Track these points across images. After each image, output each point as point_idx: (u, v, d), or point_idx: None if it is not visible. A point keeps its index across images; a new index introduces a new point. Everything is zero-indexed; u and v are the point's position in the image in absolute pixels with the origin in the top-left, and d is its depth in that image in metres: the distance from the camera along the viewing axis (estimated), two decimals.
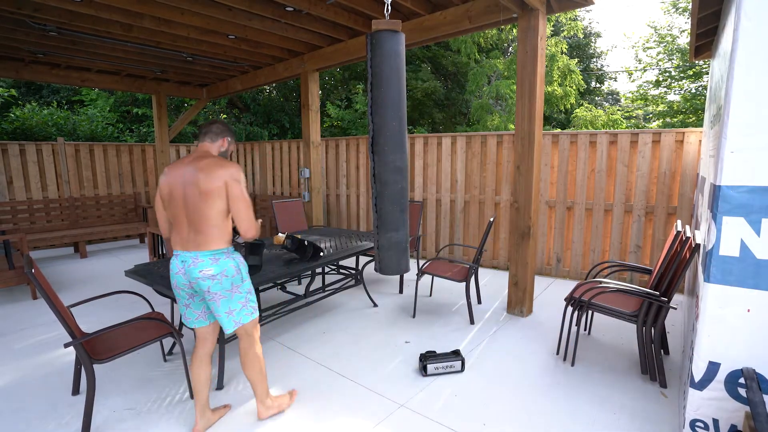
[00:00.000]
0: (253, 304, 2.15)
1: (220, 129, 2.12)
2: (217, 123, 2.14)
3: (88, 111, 9.37)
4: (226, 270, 1.99)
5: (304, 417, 2.31)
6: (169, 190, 1.99)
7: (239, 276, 2.05)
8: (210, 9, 3.91)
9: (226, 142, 2.15)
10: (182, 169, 1.97)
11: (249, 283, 2.13)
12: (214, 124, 2.13)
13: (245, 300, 2.09)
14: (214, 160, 1.99)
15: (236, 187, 1.95)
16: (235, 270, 2.03)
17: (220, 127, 2.13)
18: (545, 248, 5.00)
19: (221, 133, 2.13)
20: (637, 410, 2.35)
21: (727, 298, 1.81)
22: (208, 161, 1.98)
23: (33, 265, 2.13)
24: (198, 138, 2.15)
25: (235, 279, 2.03)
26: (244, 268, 2.09)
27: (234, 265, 2.03)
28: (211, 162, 1.97)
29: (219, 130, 2.12)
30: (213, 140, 2.11)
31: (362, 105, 11.03)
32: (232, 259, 2.03)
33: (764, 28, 1.65)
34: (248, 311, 2.11)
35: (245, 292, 2.09)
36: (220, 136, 2.12)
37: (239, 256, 2.10)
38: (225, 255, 2.01)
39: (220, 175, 1.94)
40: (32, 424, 2.26)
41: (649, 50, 13.50)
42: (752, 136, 1.71)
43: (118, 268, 5.44)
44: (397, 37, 2.10)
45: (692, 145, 4.10)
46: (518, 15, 3.41)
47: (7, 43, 4.69)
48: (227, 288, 2.01)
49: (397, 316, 3.76)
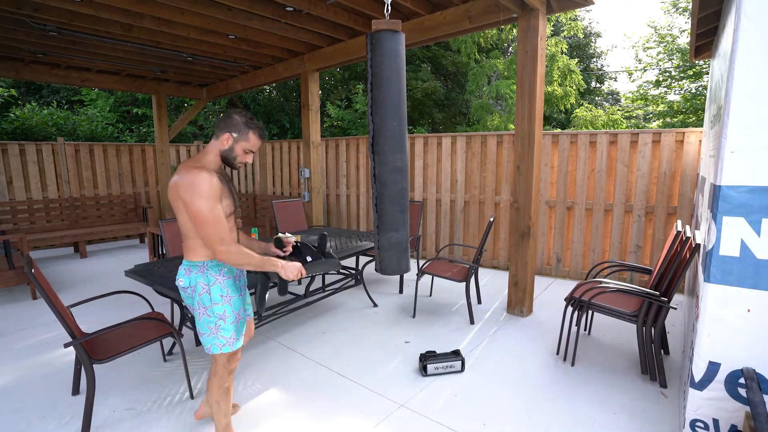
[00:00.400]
0: (226, 335, 1.82)
1: (223, 123, 1.78)
2: (226, 116, 1.80)
3: (88, 111, 9.37)
4: (196, 286, 1.79)
5: (304, 417, 2.31)
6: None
7: (207, 297, 1.79)
8: (210, 9, 3.91)
9: (229, 139, 1.77)
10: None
11: (223, 309, 1.81)
12: (222, 117, 1.80)
13: (215, 327, 1.81)
14: (183, 166, 1.69)
15: (190, 207, 1.64)
16: (202, 288, 1.78)
17: (225, 120, 1.79)
18: (545, 248, 5.00)
19: (224, 127, 1.77)
20: (637, 410, 2.35)
21: (727, 298, 1.81)
22: (180, 167, 1.71)
23: (33, 265, 2.13)
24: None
25: (203, 299, 1.79)
26: (216, 290, 1.80)
27: (204, 283, 1.78)
28: (179, 169, 1.70)
29: (223, 124, 1.78)
30: (216, 136, 1.79)
31: (362, 105, 11.03)
32: (203, 275, 1.79)
33: (764, 28, 1.65)
34: (219, 342, 1.82)
35: (215, 317, 1.80)
36: (222, 131, 1.78)
37: (218, 275, 1.81)
38: (198, 269, 1.79)
39: (173, 188, 1.68)
40: (32, 424, 2.26)
41: (649, 50, 13.50)
42: (752, 136, 1.71)
43: (118, 268, 5.44)
44: (397, 37, 2.10)
45: (692, 145, 4.10)
46: (518, 15, 3.41)
47: (7, 43, 4.69)
48: (194, 306, 1.83)
49: (397, 316, 3.76)
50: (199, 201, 1.64)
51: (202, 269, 1.80)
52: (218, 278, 1.82)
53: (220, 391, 1.97)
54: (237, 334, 1.88)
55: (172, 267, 2.98)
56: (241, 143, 1.80)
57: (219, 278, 1.82)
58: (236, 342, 1.88)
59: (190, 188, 1.64)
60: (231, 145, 1.79)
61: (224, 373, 1.94)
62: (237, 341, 1.88)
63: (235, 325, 1.87)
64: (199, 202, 1.64)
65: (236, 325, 1.88)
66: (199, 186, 1.64)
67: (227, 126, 1.78)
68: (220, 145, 1.79)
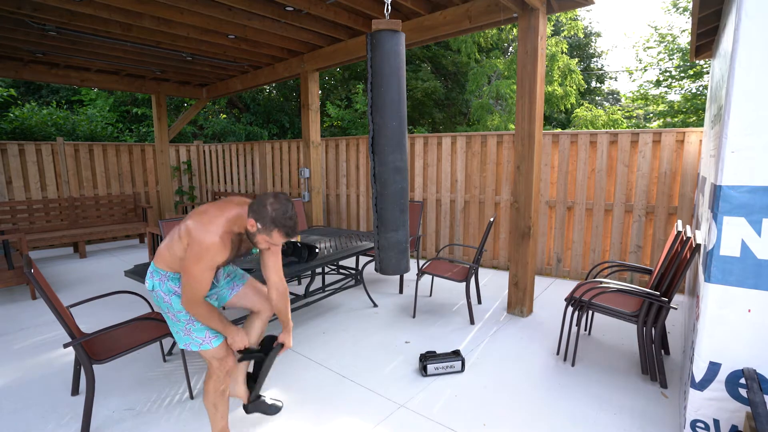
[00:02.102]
0: (200, 335, 1.83)
1: (256, 206, 1.70)
2: (262, 199, 1.70)
3: (88, 111, 9.37)
4: (158, 292, 1.83)
5: (304, 417, 2.31)
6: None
7: (168, 305, 1.83)
8: (210, 9, 3.91)
9: (254, 226, 1.71)
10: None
11: (188, 315, 1.81)
12: (260, 198, 1.71)
13: (185, 330, 1.84)
14: (207, 221, 1.69)
15: (188, 259, 1.67)
16: (164, 296, 1.82)
17: (258, 204, 1.70)
18: (545, 248, 5.00)
19: (253, 212, 1.70)
20: (638, 410, 2.34)
21: (728, 298, 1.81)
22: (206, 216, 1.71)
23: (32, 265, 2.12)
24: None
25: (167, 305, 1.84)
26: (177, 300, 1.81)
27: (164, 292, 1.82)
28: (205, 216, 1.71)
29: (255, 207, 1.70)
30: (248, 211, 1.73)
31: (362, 105, 11.03)
32: (163, 284, 1.82)
33: (765, 27, 1.65)
34: (194, 341, 1.84)
35: (182, 322, 1.83)
36: (251, 213, 1.71)
37: (178, 288, 1.82)
38: (160, 276, 1.82)
39: (187, 231, 1.70)
40: (32, 424, 2.26)
41: (650, 50, 13.50)
42: (753, 136, 1.71)
43: (118, 268, 5.44)
44: (397, 37, 2.10)
45: (693, 145, 4.10)
46: (518, 15, 3.40)
47: (7, 43, 4.69)
48: (163, 309, 1.87)
49: (397, 316, 3.75)
50: (198, 263, 1.66)
51: (163, 278, 1.83)
52: (178, 290, 1.83)
53: (216, 394, 1.94)
54: (213, 333, 1.85)
55: None
56: (263, 235, 1.73)
57: (179, 290, 1.81)
58: (215, 339, 1.85)
59: (198, 248, 1.66)
60: (254, 231, 1.73)
61: (220, 373, 1.91)
62: (216, 338, 1.86)
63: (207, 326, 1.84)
64: (198, 264, 1.66)
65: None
66: (206, 254, 1.66)
67: (256, 213, 1.70)
68: (248, 223, 1.73)
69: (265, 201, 1.70)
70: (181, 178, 8.69)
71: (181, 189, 8.62)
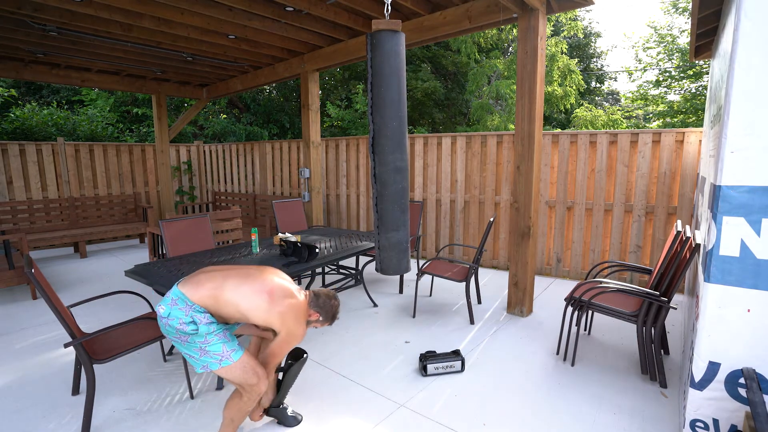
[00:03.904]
0: (217, 351, 1.84)
1: (323, 302, 2.06)
2: (330, 299, 2.08)
3: (88, 111, 9.37)
4: (173, 319, 1.81)
5: (305, 417, 2.31)
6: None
7: (183, 331, 1.82)
8: (210, 9, 3.91)
9: (317, 318, 2.05)
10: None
11: (206, 337, 1.83)
12: (326, 298, 2.06)
13: (200, 350, 1.84)
14: (297, 312, 1.94)
15: (288, 335, 1.92)
16: (180, 322, 1.81)
17: (326, 302, 2.06)
18: (545, 248, 5.00)
19: (320, 308, 2.04)
20: (637, 410, 2.35)
21: (727, 298, 1.81)
22: (296, 309, 1.95)
23: (33, 265, 2.13)
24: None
25: (180, 333, 1.83)
26: (192, 327, 1.82)
27: (182, 320, 1.81)
28: (295, 310, 1.94)
29: (321, 303, 2.05)
30: (311, 303, 2.04)
31: (362, 105, 11.03)
32: (185, 313, 1.82)
33: (764, 28, 1.65)
34: (212, 358, 1.84)
35: (198, 342, 1.83)
36: (317, 308, 2.04)
37: (201, 320, 1.83)
38: (185, 306, 1.82)
39: (280, 316, 1.88)
40: (33, 424, 2.26)
41: (649, 50, 13.49)
42: (752, 136, 1.71)
43: (118, 268, 5.44)
44: (397, 37, 2.11)
45: (692, 145, 4.10)
46: (518, 15, 3.41)
47: (8, 43, 4.69)
48: (174, 336, 1.85)
49: (397, 316, 3.76)
50: (287, 346, 1.96)
51: (188, 309, 1.81)
52: (203, 320, 1.82)
53: (240, 413, 1.98)
54: (230, 346, 1.87)
55: (172, 267, 2.98)
56: (318, 324, 2.08)
57: (203, 320, 1.82)
58: (233, 353, 1.86)
59: (291, 338, 1.94)
60: (313, 320, 2.05)
61: (254, 395, 1.93)
62: (234, 352, 1.86)
63: (224, 340, 1.86)
64: (286, 346, 1.96)
65: (224, 339, 1.86)
66: (294, 341, 1.97)
67: (321, 309, 2.04)
68: (308, 311, 2.02)
69: (329, 300, 2.07)
70: (182, 178, 8.69)
71: (182, 189, 8.63)
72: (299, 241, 3.25)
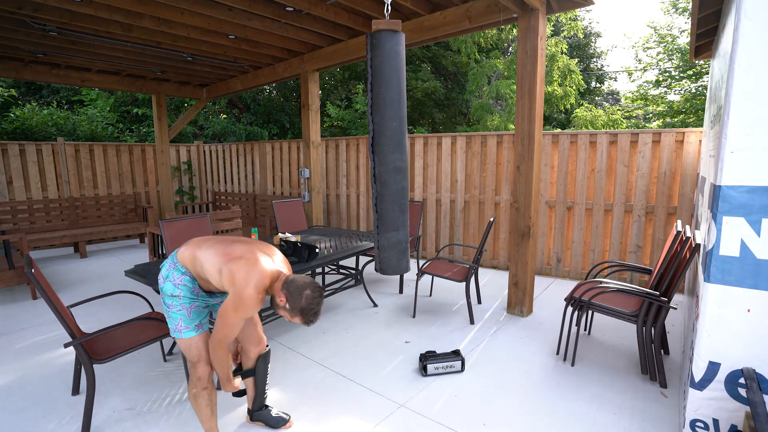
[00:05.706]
0: (174, 322, 1.88)
1: (293, 287, 1.77)
2: (300, 285, 1.77)
3: (88, 111, 9.37)
4: (163, 276, 1.93)
5: (305, 417, 2.31)
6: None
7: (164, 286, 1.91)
8: (210, 9, 3.91)
9: (283, 301, 1.78)
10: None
11: (171, 300, 1.89)
12: (299, 282, 1.78)
13: (167, 314, 1.92)
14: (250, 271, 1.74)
15: (229, 304, 1.74)
16: (162, 279, 1.92)
17: (295, 287, 1.77)
18: (545, 248, 5.00)
19: (289, 292, 1.77)
20: (637, 410, 2.35)
21: (727, 298, 1.81)
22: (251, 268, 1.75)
23: (33, 265, 2.13)
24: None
25: (164, 287, 1.91)
26: (168, 287, 1.89)
27: (164, 276, 1.92)
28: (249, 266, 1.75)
29: (292, 288, 1.77)
30: (282, 284, 1.79)
31: (362, 105, 11.03)
32: (167, 269, 1.92)
33: (764, 28, 1.65)
34: (170, 326, 1.92)
35: (167, 305, 1.90)
36: (285, 288, 1.77)
37: (177, 278, 1.89)
38: (172, 263, 1.92)
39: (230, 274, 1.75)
40: (33, 424, 2.26)
41: (649, 50, 13.49)
42: (752, 136, 1.71)
43: (118, 268, 5.44)
44: (397, 37, 2.11)
45: (692, 145, 4.10)
46: (518, 15, 3.41)
47: (8, 43, 4.69)
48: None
49: (397, 316, 3.76)
50: (236, 313, 1.74)
51: (172, 265, 1.91)
52: (176, 280, 1.89)
53: (190, 396, 1.96)
54: (186, 323, 1.88)
55: None
56: (286, 312, 1.81)
57: (176, 280, 1.89)
58: (185, 331, 1.88)
59: (238, 299, 1.72)
60: (280, 305, 1.80)
61: (192, 375, 1.93)
62: (186, 330, 1.88)
63: (183, 313, 1.89)
64: (235, 313, 1.74)
65: (184, 313, 1.89)
66: (244, 307, 1.73)
67: (290, 295, 1.77)
68: (279, 295, 1.79)
69: (303, 289, 1.76)
70: (182, 178, 8.70)
71: (182, 189, 8.63)
72: (299, 241, 3.25)
